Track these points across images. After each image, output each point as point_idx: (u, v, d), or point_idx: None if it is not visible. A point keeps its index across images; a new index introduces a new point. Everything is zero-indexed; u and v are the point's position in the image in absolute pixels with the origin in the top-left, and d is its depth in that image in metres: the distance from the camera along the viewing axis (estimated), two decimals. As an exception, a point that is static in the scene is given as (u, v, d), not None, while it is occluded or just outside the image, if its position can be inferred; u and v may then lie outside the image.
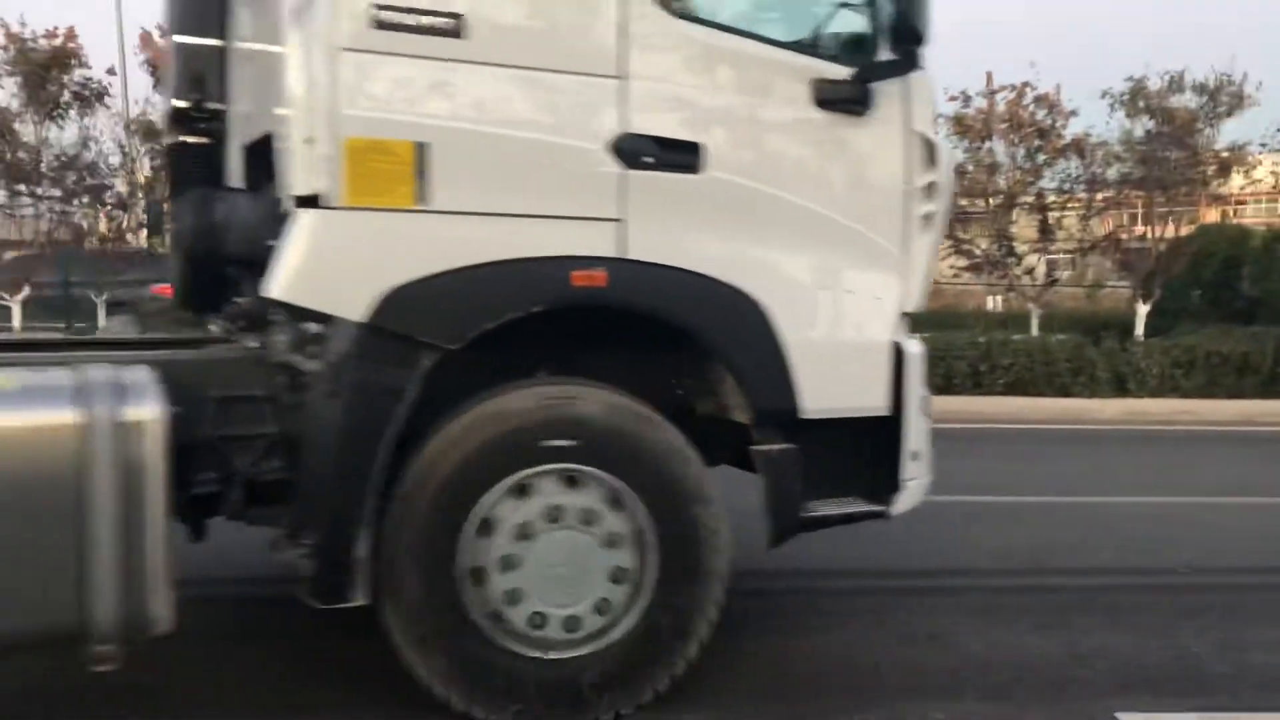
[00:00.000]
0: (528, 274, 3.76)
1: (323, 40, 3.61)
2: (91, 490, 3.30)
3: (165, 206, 5.45)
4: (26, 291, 22.65)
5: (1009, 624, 5.16)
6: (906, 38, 3.99)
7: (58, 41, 25.77)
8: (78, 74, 26.50)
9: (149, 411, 3.41)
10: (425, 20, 3.64)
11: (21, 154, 25.50)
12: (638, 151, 3.84)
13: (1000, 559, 6.45)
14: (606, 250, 3.83)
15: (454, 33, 3.66)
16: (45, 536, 3.30)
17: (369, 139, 3.62)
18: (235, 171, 4.79)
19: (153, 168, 27.39)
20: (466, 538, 3.72)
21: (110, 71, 25.74)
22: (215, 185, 4.84)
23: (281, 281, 3.63)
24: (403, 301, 3.64)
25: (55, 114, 26.24)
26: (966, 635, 4.98)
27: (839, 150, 4.18)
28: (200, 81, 4.84)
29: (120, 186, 27.36)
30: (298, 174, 3.80)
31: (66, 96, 26.27)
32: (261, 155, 4.48)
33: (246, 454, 3.76)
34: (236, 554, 4.70)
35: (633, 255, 3.85)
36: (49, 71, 25.81)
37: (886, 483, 4.31)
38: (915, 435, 4.31)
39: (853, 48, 4.16)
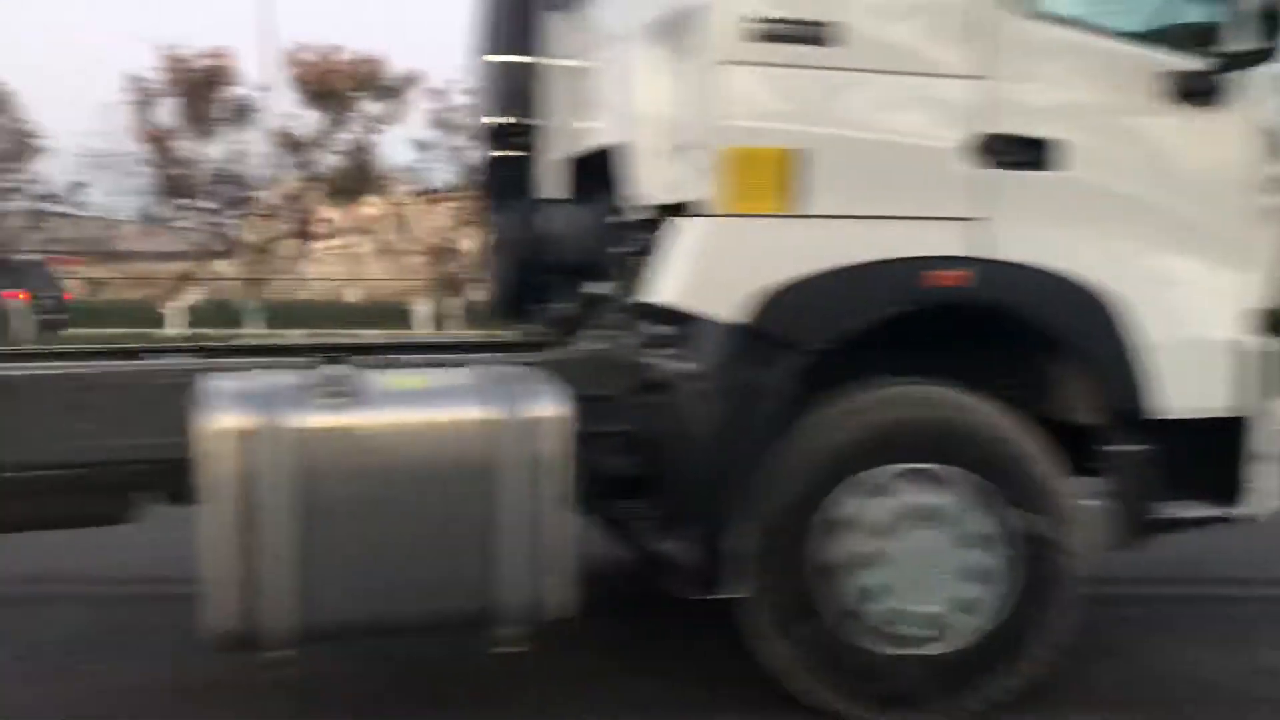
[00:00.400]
0: (894, 274, 3.83)
1: (702, 54, 3.74)
2: (501, 481, 3.48)
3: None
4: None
5: (1188, 637, 4.92)
6: (1271, 27, 3.93)
7: (213, 62, 26.79)
8: (231, 92, 27.57)
9: (553, 408, 3.57)
10: (801, 30, 3.73)
11: (180, 169, 26.54)
12: (999, 151, 3.88)
13: (1176, 567, 5.81)
14: (968, 250, 3.88)
15: (828, 41, 3.75)
16: (460, 525, 3.49)
17: (748, 148, 3.73)
18: (552, 183, 4.96)
19: (300, 179, 28.34)
20: (817, 535, 3.78)
21: (260, 89, 26.54)
22: (530, 197, 5.04)
23: (668, 286, 3.77)
24: (777, 303, 3.74)
25: (210, 131, 27.30)
26: (1140, 648, 4.79)
27: (1188, 144, 4.14)
28: (517, 98, 5.03)
29: (269, 198, 28.36)
30: (661, 182, 3.95)
31: (220, 114, 27.34)
32: (589, 167, 4.67)
33: (604, 451, 3.88)
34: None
35: (996, 254, 3.88)
36: (205, 90, 26.85)
37: (1233, 486, 4.22)
38: (1265, 436, 4.22)
39: (1205, 38, 4.10)
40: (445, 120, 27.00)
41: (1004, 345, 4.08)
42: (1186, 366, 4.07)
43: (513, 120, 5.11)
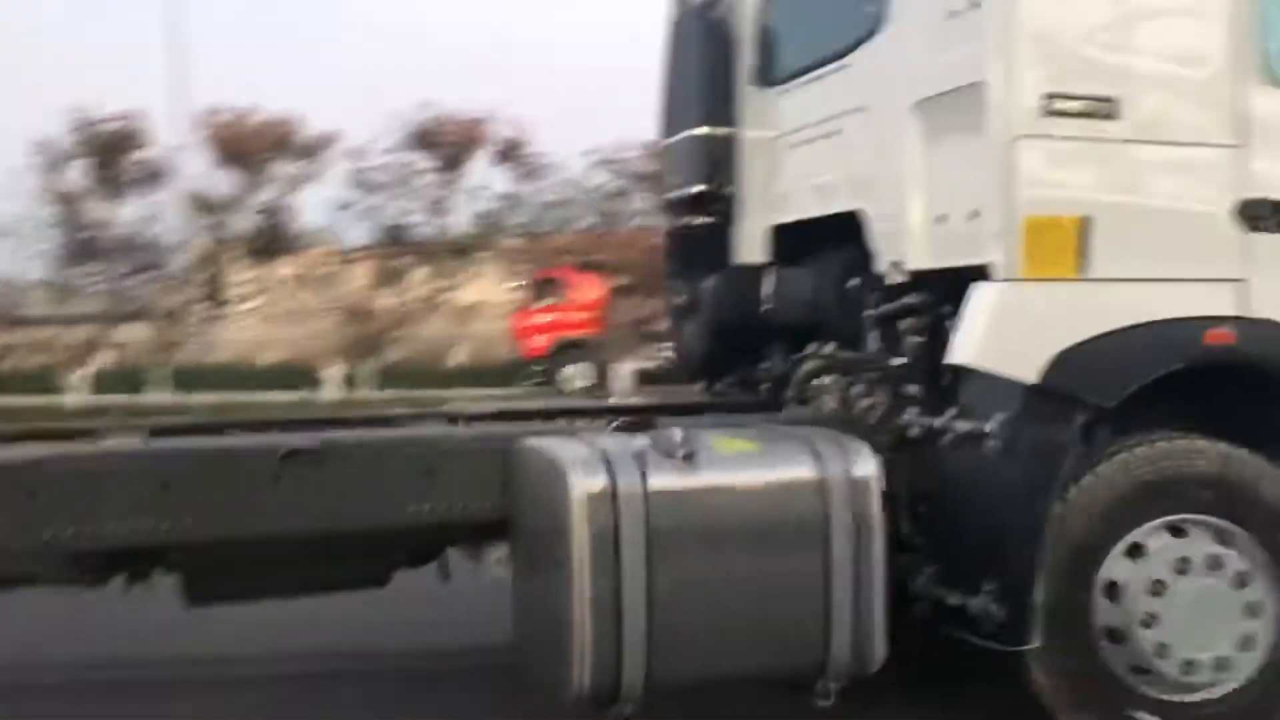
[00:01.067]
0: (1176, 334, 4.01)
1: (997, 130, 3.90)
2: (833, 538, 3.60)
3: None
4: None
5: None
6: None
7: (123, 124, 26.09)
8: (142, 154, 26.85)
9: (870, 469, 3.69)
10: (1084, 106, 3.93)
11: (89, 232, 25.70)
12: (1259, 215, 4.11)
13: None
14: (1230, 309, 4.09)
15: (1110, 115, 3.95)
16: (798, 581, 3.62)
17: (1044, 216, 3.90)
18: (750, 249, 5.10)
19: (214, 241, 27.65)
20: (1101, 593, 3.93)
21: (171, 151, 25.96)
22: (725, 262, 5.18)
23: (969, 348, 3.89)
24: (1068, 363, 3.88)
25: (121, 193, 26.50)
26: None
27: None
28: (713, 169, 5.17)
29: (180, 261, 27.60)
30: (926, 249, 4.11)
31: (131, 176, 26.59)
32: (793, 233, 4.81)
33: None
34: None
35: (1257, 313, 4.10)
36: (115, 153, 26.11)
37: None
38: None
39: None
40: (364, 180, 26.79)
41: (1246, 401, 4.27)
42: None
43: (707, 190, 5.24)
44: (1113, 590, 3.93)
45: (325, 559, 4.18)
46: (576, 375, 22.55)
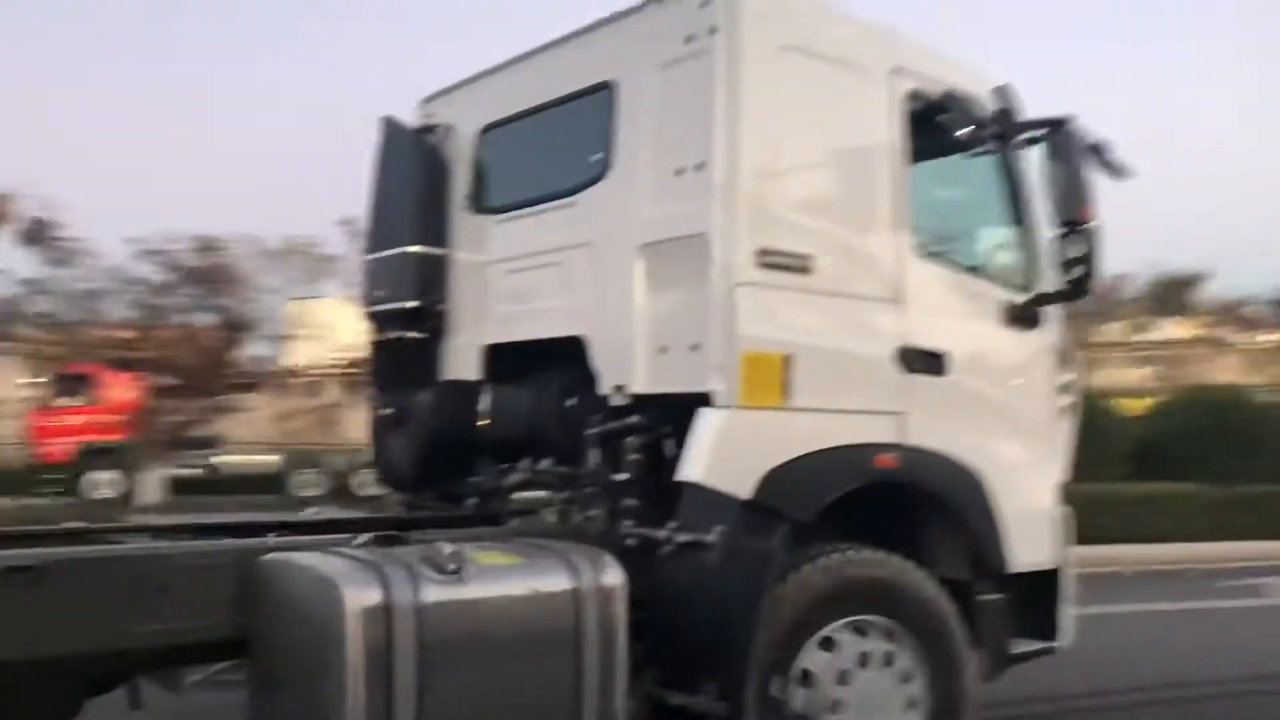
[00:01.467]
0: (851, 458, 4.68)
1: (718, 275, 4.45)
2: (585, 643, 3.94)
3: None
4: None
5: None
6: (1078, 283, 5.25)
7: None
8: None
9: (618, 578, 4.07)
10: (787, 260, 4.57)
11: None
12: (909, 359, 4.89)
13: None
14: (894, 438, 4.82)
15: (805, 269, 4.62)
16: (553, 685, 3.92)
17: (758, 352, 4.46)
18: (460, 366, 5.39)
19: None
20: (793, 683, 4.45)
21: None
22: (432, 377, 5.42)
23: (697, 467, 4.35)
24: (775, 481, 4.44)
25: None
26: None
27: (1019, 358, 5.38)
28: (423, 286, 5.43)
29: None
30: (648, 375, 4.59)
31: None
32: (508, 351, 5.17)
33: None
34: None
35: (915, 441, 4.85)
36: None
37: (1050, 623, 5.37)
38: (1069, 584, 5.40)
39: (1030, 280, 5.39)
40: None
41: (904, 517, 5.02)
42: (1027, 530, 5.21)
43: (418, 305, 5.45)
44: (806, 678, 4.46)
45: (18, 688, 3.92)
46: (103, 483, 20.75)
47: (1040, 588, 5.34)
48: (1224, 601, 7.02)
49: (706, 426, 4.40)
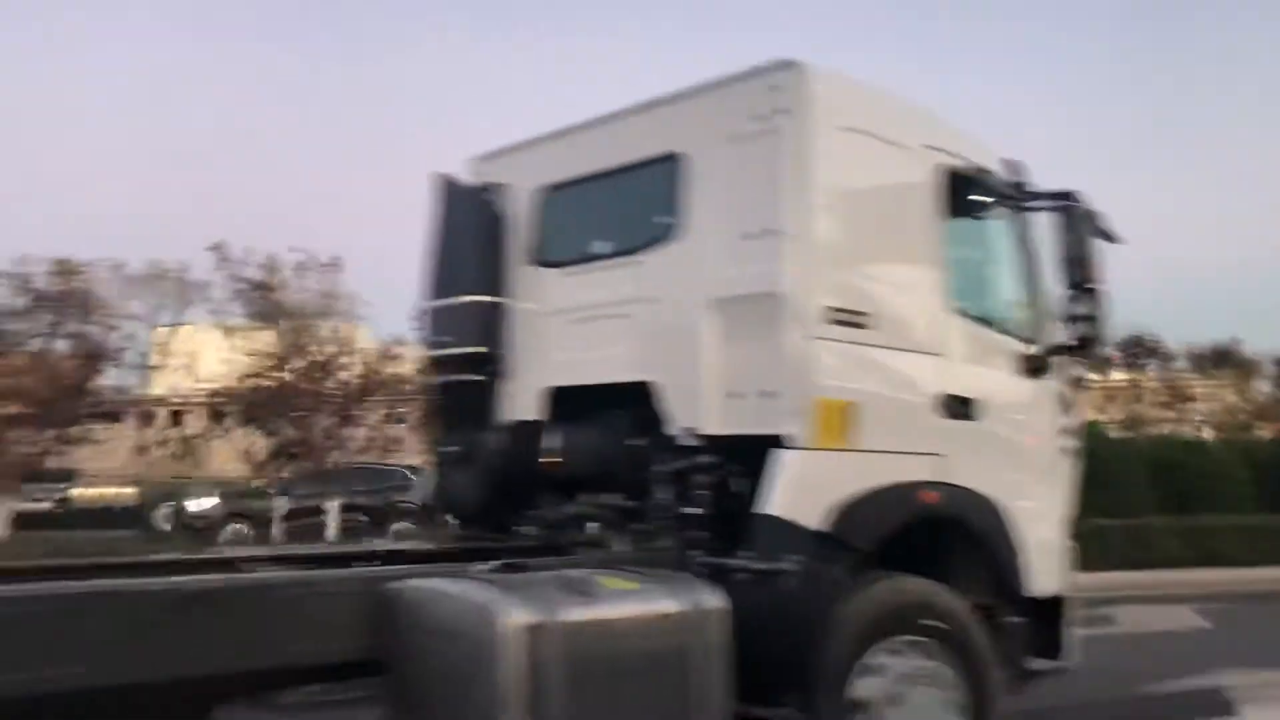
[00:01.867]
0: (902, 494, 5.22)
1: (791, 329, 4.99)
2: (694, 660, 4.38)
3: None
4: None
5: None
6: (1088, 338, 5.90)
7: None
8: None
9: (721, 602, 4.51)
10: (850, 317, 5.13)
11: None
12: (947, 405, 5.47)
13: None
14: (936, 476, 5.37)
15: (864, 325, 5.18)
16: (667, 695, 4.35)
17: (827, 399, 4.99)
18: (521, 407, 5.87)
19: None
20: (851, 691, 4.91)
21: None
22: (488, 416, 5.86)
23: (777, 502, 4.85)
24: (842, 515, 4.96)
25: None
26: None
27: (1032, 403, 5.99)
28: (489, 331, 5.87)
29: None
30: (718, 418, 5.09)
31: None
32: (567, 395, 5.62)
33: None
34: None
35: (952, 480, 5.41)
36: None
37: (1056, 644, 5.95)
38: (1071, 608, 6.05)
39: (1040, 333, 6.04)
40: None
41: (934, 547, 5.55)
42: (1042, 558, 5.79)
43: (480, 351, 5.88)
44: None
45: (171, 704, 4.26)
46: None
47: (1048, 612, 5.92)
48: (1081, 630, 7.60)
49: (783, 466, 4.90)
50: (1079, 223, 5.74)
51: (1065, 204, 5.76)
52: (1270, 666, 8.71)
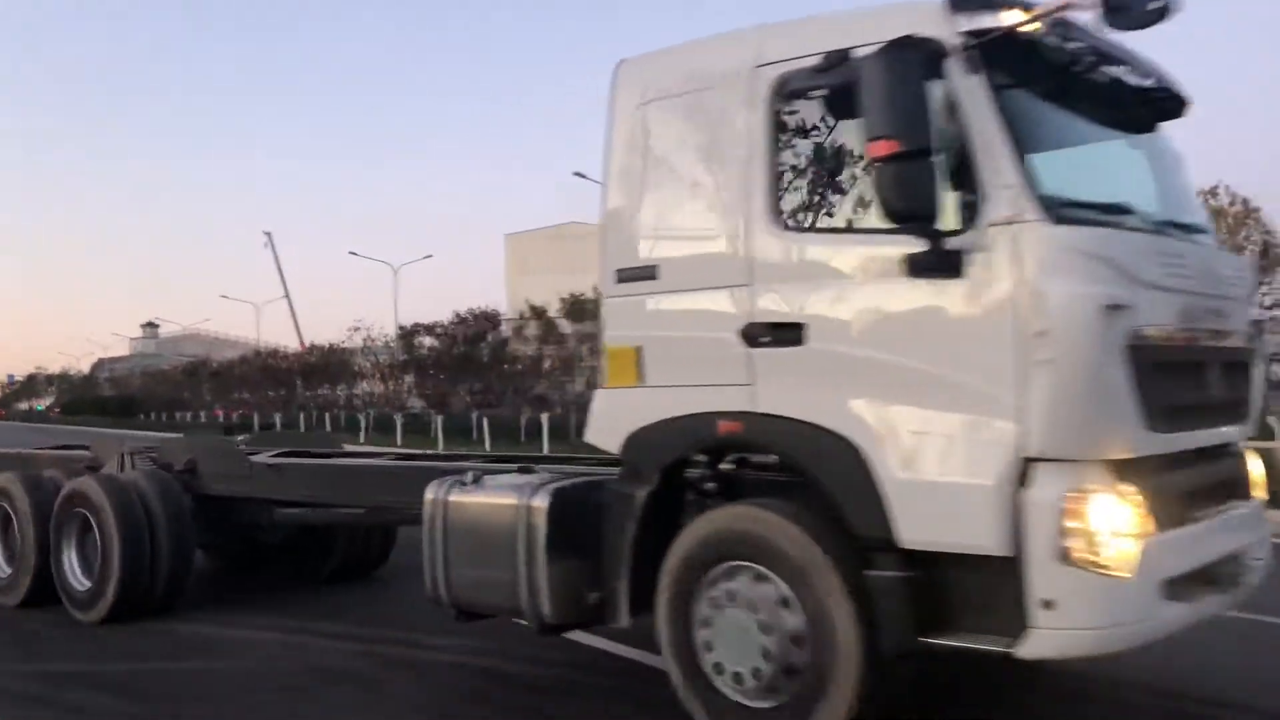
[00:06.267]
0: (691, 423, 5.45)
1: (601, 292, 5.83)
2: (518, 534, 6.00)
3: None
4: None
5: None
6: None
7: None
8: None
9: (541, 502, 5.97)
10: (636, 272, 5.71)
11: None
12: (755, 335, 5.18)
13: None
14: (743, 406, 5.23)
15: (651, 276, 5.62)
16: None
17: (614, 346, 5.87)
18: None
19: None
20: (693, 602, 5.36)
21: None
22: None
23: (589, 432, 6.01)
24: (629, 443, 5.67)
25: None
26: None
27: (937, 309, 4.72)
28: None
29: None
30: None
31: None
32: None
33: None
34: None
35: (764, 409, 5.17)
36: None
37: (1011, 622, 4.54)
38: (1046, 582, 4.46)
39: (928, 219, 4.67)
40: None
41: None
42: (932, 504, 4.68)
43: None
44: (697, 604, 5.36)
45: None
46: None
47: (989, 576, 4.63)
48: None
49: (592, 401, 5.93)
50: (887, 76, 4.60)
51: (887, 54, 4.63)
52: None
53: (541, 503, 5.89)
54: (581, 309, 35.21)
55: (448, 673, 7.06)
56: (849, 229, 5.12)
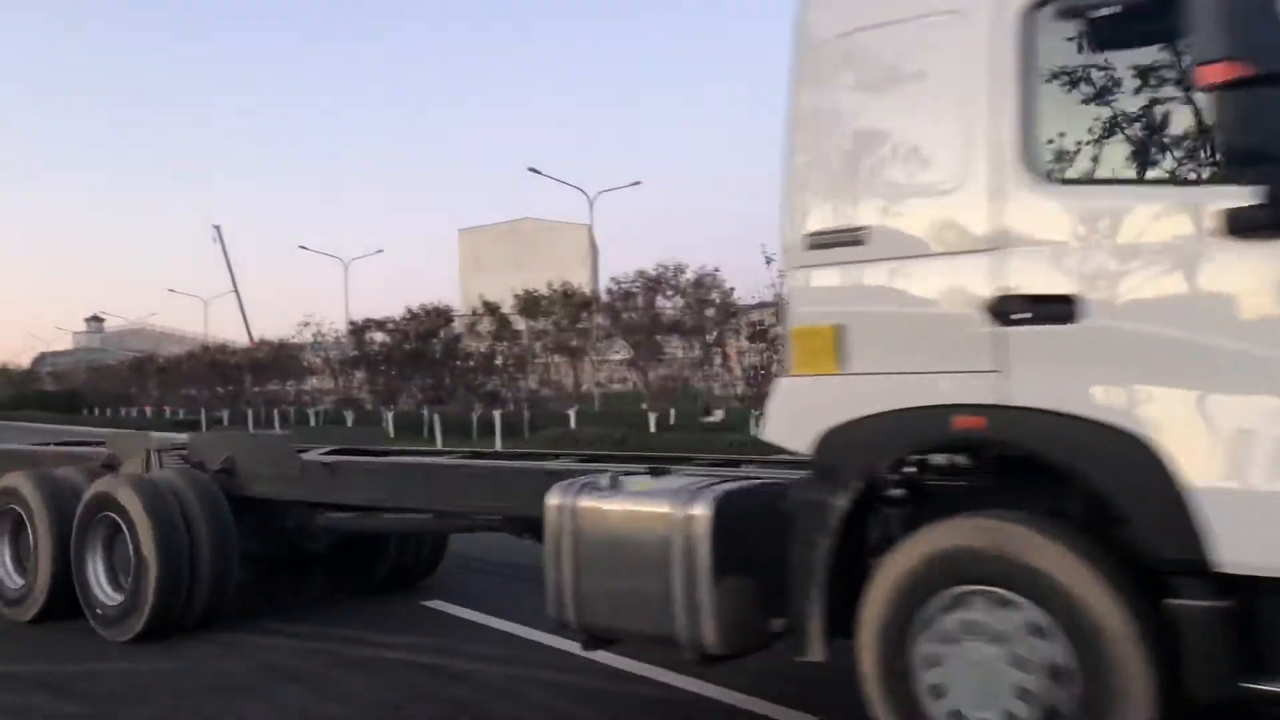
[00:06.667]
0: (914, 419, 4.30)
1: (783, 264, 4.71)
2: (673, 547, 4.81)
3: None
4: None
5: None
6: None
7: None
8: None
9: (703, 511, 4.79)
10: (840, 237, 4.51)
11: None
12: (1007, 310, 4.08)
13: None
14: (988, 398, 4.13)
15: (860, 241, 4.46)
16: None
17: (804, 326, 4.67)
18: None
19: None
20: (912, 636, 4.21)
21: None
22: None
23: (768, 429, 4.83)
24: (824, 443, 4.53)
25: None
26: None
27: (1256, 278, 3.65)
28: None
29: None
30: None
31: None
32: None
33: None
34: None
35: (1016, 401, 4.06)
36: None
37: None
38: None
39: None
40: None
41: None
42: (1262, 517, 3.62)
43: None
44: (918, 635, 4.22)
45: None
46: None
47: None
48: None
49: (772, 393, 4.79)
50: None
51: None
52: None
53: (704, 511, 4.77)
54: (535, 305, 34.01)
55: (396, 670, 6.64)
56: (1139, 179, 4.04)
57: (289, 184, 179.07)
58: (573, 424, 29.72)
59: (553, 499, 5.28)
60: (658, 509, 4.93)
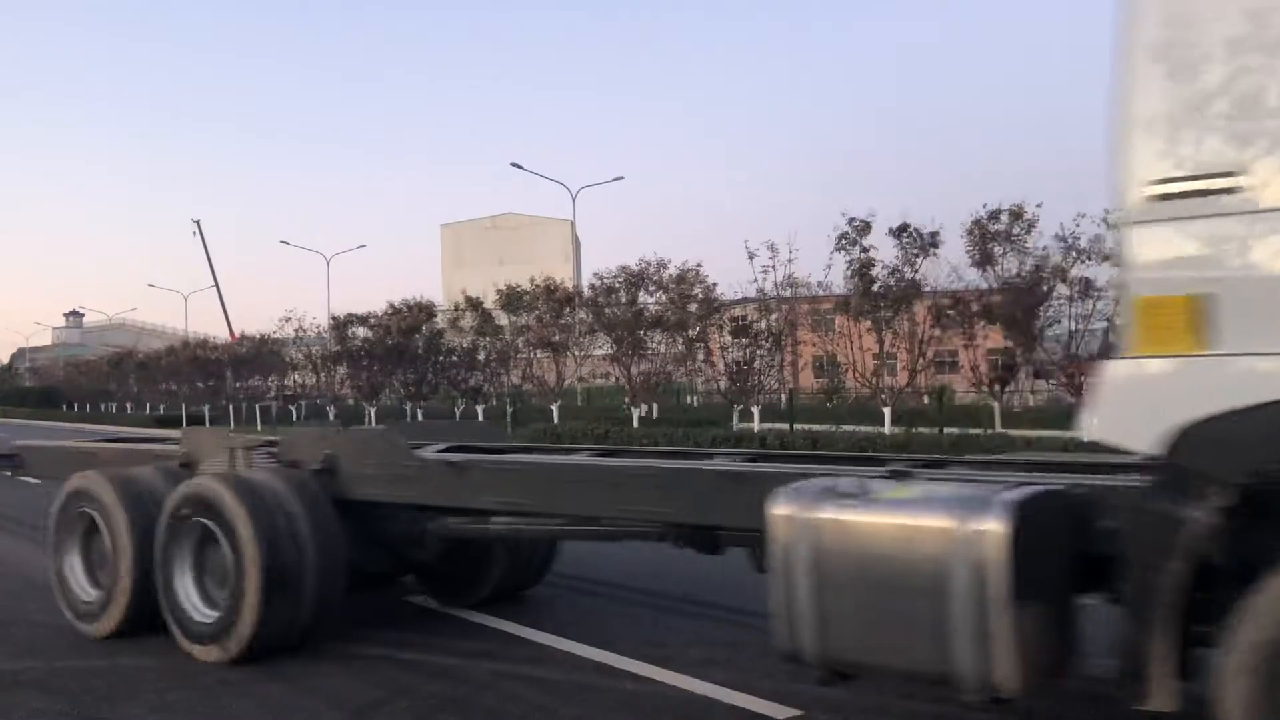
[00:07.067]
0: None
1: (1118, 219, 3.64)
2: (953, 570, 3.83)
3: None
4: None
5: None
6: None
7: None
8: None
9: (997, 526, 3.80)
10: (1199, 185, 3.50)
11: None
12: None
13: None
14: None
15: (1230, 190, 3.43)
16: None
17: (1153, 296, 3.61)
18: None
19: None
20: None
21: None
22: None
23: (1097, 423, 3.80)
24: (1187, 438, 3.51)
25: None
26: None
27: None
28: None
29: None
30: None
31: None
32: None
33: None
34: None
35: None
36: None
37: None
38: None
39: None
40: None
41: None
42: None
43: None
44: None
45: None
46: None
47: None
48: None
49: (1102, 378, 3.78)
50: None
51: None
52: None
53: (998, 525, 3.79)
54: (517, 300, 32.83)
55: (379, 666, 6.26)
56: None
57: (270, 179, 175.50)
58: (555, 419, 28.81)
59: (781, 508, 4.26)
60: (934, 522, 3.95)
